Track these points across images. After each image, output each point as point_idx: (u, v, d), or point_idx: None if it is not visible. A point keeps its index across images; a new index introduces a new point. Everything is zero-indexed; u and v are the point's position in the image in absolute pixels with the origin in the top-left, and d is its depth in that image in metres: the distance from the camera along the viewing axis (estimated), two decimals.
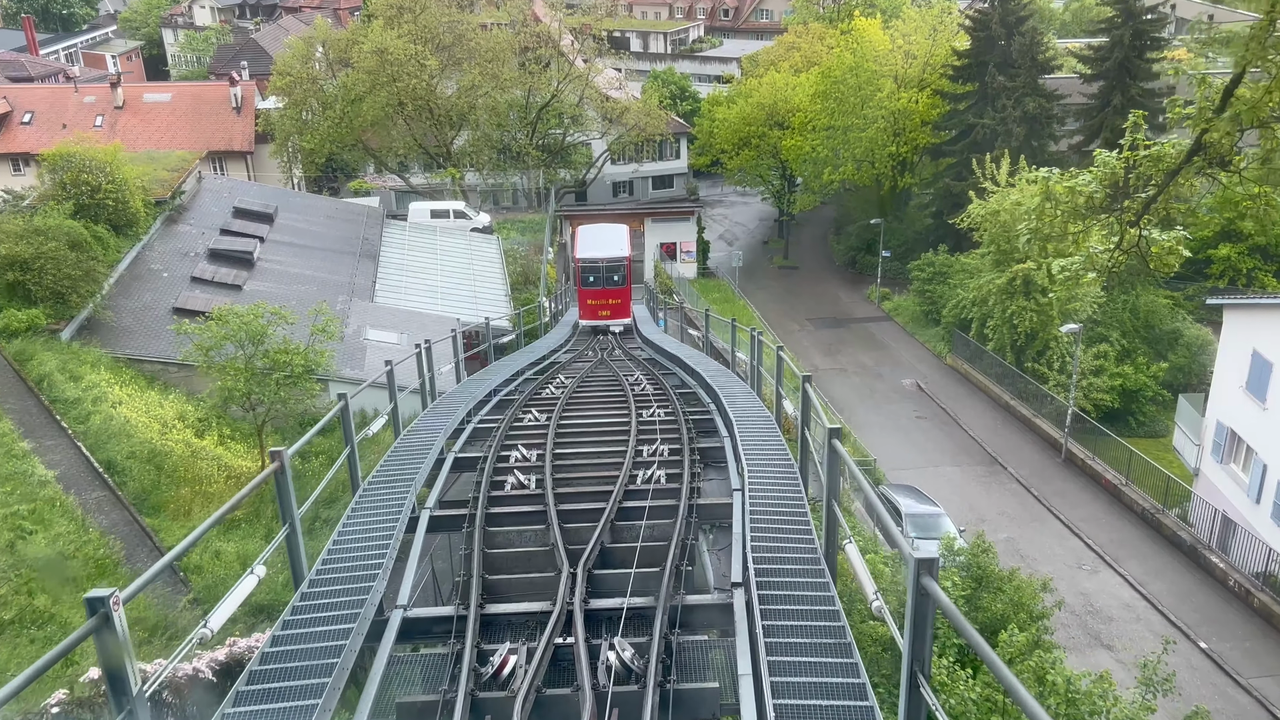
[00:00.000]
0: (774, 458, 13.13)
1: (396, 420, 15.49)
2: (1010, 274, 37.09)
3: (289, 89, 59.30)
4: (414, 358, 18.29)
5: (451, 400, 18.85)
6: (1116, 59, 49.42)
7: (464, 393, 19.78)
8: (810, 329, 49.61)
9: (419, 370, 17.85)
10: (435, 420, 16.63)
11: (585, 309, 34.62)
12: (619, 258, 34.49)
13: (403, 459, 13.96)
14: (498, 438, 16.20)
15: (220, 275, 36.57)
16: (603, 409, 19.94)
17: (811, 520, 10.47)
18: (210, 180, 45.68)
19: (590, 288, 34.49)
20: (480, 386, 20.89)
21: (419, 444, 14.87)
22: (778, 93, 59.91)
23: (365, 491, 12.30)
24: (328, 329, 26.44)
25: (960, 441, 34.85)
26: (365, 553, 10.47)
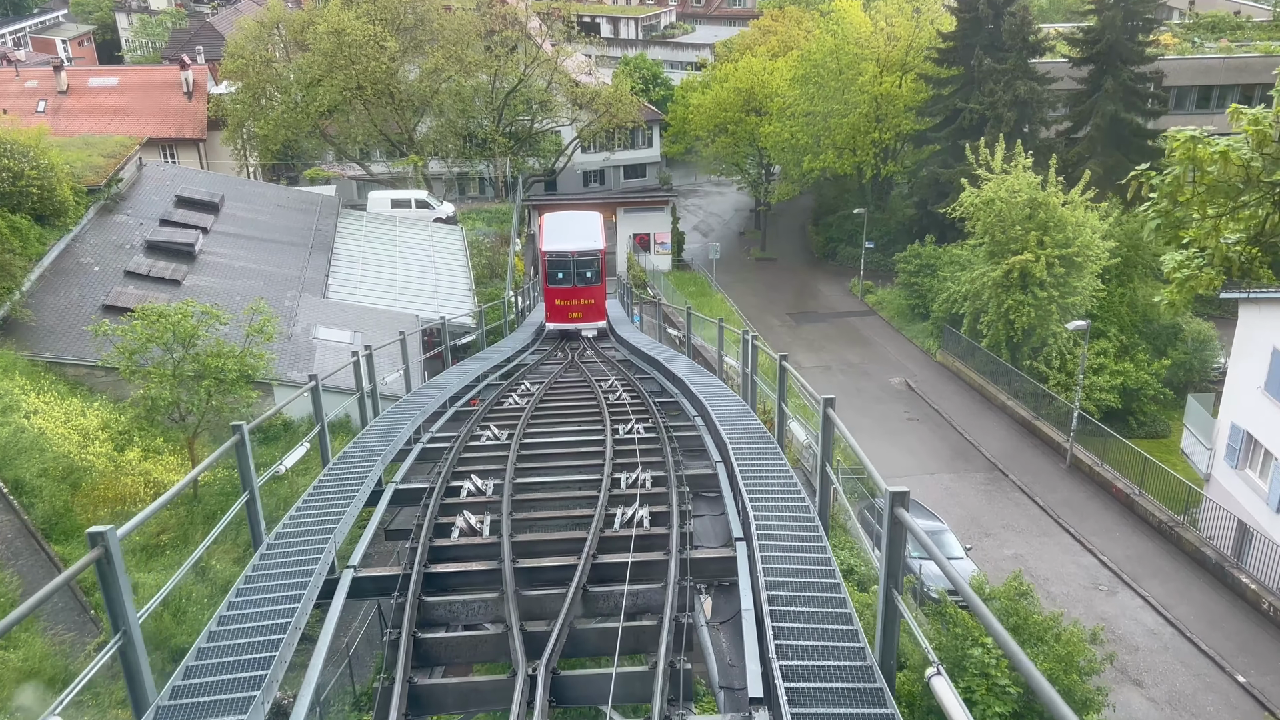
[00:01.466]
0: (782, 494, 10.70)
1: (325, 445, 12.93)
2: (1006, 266, 34.93)
3: (241, 72, 56.18)
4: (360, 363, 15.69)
5: (398, 414, 16.32)
6: (1108, 41, 47.45)
7: (414, 404, 17.24)
8: (791, 324, 47.32)
9: (357, 382, 15.26)
10: (375, 441, 14.08)
11: (553, 310, 30.60)
12: (592, 251, 30.42)
13: (328, 497, 11.41)
14: (449, 462, 13.73)
15: (157, 269, 33.68)
16: (573, 423, 17.51)
17: (846, 591, 8.04)
18: (152, 168, 42.62)
19: (558, 286, 30.31)
20: (434, 396, 18.37)
21: (350, 475, 12.33)
22: (755, 77, 57.51)
23: (270, 549, 9.74)
24: (265, 329, 23.73)
25: (956, 445, 32.66)
26: (257, 637, 7.96)
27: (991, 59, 47.99)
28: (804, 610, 7.70)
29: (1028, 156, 36.34)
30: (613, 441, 14.92)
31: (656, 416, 16.89)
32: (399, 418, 15.94)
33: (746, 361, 15.94)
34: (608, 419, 16.71)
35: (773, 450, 12.46)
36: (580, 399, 20.02)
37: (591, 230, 31.93)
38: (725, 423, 14.16)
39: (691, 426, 16.34)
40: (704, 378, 18.93)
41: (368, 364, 16.10)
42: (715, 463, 13.35)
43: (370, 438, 14.41)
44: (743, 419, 14.43)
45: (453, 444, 15.26)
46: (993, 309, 35.91)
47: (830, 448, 9.82)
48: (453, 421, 18.72)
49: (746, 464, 11.90)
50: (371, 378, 16.19)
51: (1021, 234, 34.82)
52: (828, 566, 8.57)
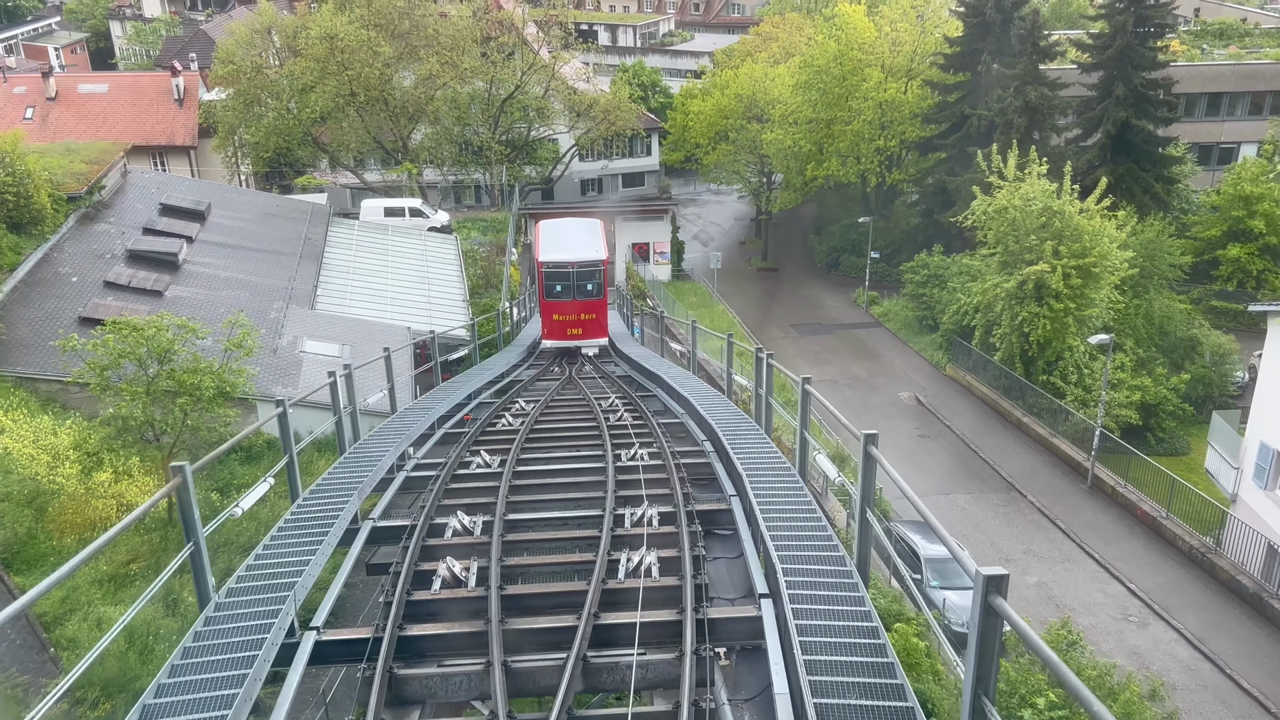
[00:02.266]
0: (811, 539, 9.38)
1: (293, 479, 11.60)
2: (1021, 277, 33.64)
3: (232, 78, 54.96)
4: (338, 384, 14.35)
5: (381, 438, 15.00)
6: (1119, 46, 46.25)
7: (399, 427, 15.93)
8: (794, 335, 46.02)
9: (334, 404, 13.93)
10: (353, 471, 12.75)
11: (550, 326, 27.93)
12: (594, 261, 27.79)
13: (294, 540, 10.08)
14: (434, 495, 12.41)
15: (138, 280, 32.34)
16: (571, 447, 16.21)
17: (902, 675, 6.72)
18: (137, 174, 41.33)
19: (556, 299, 27.64)
20: (422, 416, 17.06)
21: (322, 511, 11.00)
22: (756, 84, 56.32)
23: (220, 609, 8.39)
24: (245, 343, 22.40)
25: (970, 464, 31.34)
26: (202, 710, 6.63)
27: (1000, 64, 46.85)
28: (855, 704, 6.35)
29: (1042, 163, 35.10)
30: (614, 470, 13.65)
31: (661, 440, 15.61)
32: (381, 442, 14.63)
33: (761, 382, 14.64)
34: (609, 443, 15.44)
35: (795, 485, 11.15)
36: (579, 419, 18.73)
37: (592, 239, 29.42)
38: (739, 450, 12.87)
39: (700, 452, 15.05)
40: (711, 397, 17.65)
41: (347, 384, 14.77)
42: (729, 496, 12.05)
43: (348, 466, 13.09)
44: (758, 446, 13.12)
45: (440, 472, 13.97)
46: (1006, 321, 34.60)
47: (871, 491, 8.52)
48: (442, 445, 17.41)
49: (766, 500, 10.59)
50: (352, 399, 14.86)
51: (1036, 243, 33.55)
52: (875, 640, 7.23)
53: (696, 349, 22.18)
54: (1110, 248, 32.93)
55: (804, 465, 11.84)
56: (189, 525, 8.13)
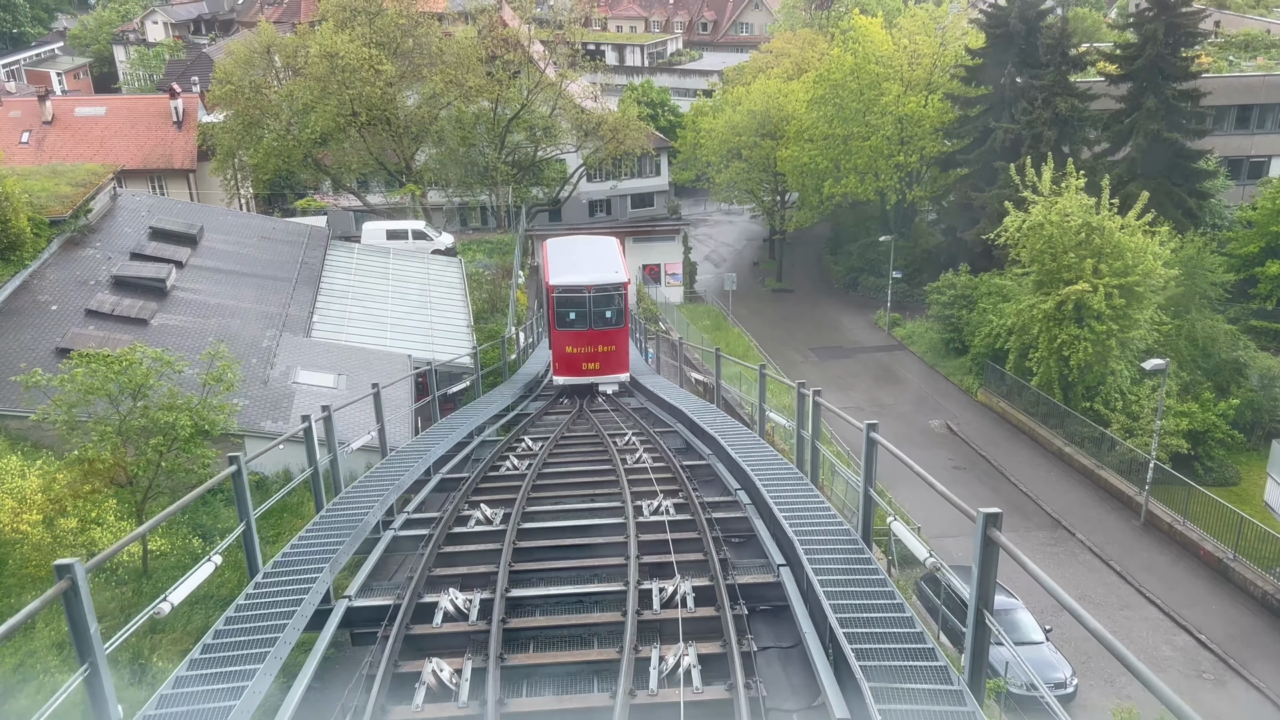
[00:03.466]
0: (896, 639, 7.37)
1: (252, 552, 9.59)
2: (1060, 297, 31.60)
3: (231, 99, 53.42)
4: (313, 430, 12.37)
5: (367, 490, 13.01)
6: (1149, 56, 44.42)
7: (390, 474, 13.94)
8: (814, 360, 44.02)
9: (309, 455, 11.96)
10: (329, 534, 10.76)
11: (562, 360, 24.40)
12: (612, 284, 24.06)
13: (245, 634, 8.10)
14: (424, 564, 10.46)
15: (122, 308, 30.53)
16: (584, 498, 14.26)
17: None
18: (127, 197, 39.68)
19: (569, 329, 24.03)
20: (416, 461, 15.07)
21: (287, 589, 9.02)
22: (770, 100, 54.55)
23: None
24: (225, 377, 20.50)
25: (1011, 498, 29.21)
26: None
27: (1027, 75, 45.05)
28: None
29: (1079, 176, 33.16)
30: (636, 527, 11.69)
31: (688, 488, 13.66)
32: (366, 495, 12.65)
33: (804, 422, 12.66)
34: (627, 491, 13.49)
35: (862, 558, 9.14)
36: (592, 461, 16.76)
37: (609, 259, 25.81)
38: (784, 505, 10.86)
39: (733, 503, 13.07)
40: (741, 435, 15.66)
41: (327, 428, 12.80)
42: (778, 565, 10.04)
43: (324, 528, 11.10)
44: (806, 502, 11.12)
45: (433, 530, 12.03)
46: (1044, 344, 32.52)
47: (991, 589, 6.54)
48: (439, 491, 15.49)
49: (830, 578, 8.59)
50: (332, 444, 12.88)
51: (1075, 261, 31.56)
52: None
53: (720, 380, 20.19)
54: (1155, 265, 30.93)
55: (868, 530, 9.83)
56: (81, 644, 6.13)
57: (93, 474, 19.37)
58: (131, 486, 20.39)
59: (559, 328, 24.16)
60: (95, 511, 21.28)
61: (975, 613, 6.62)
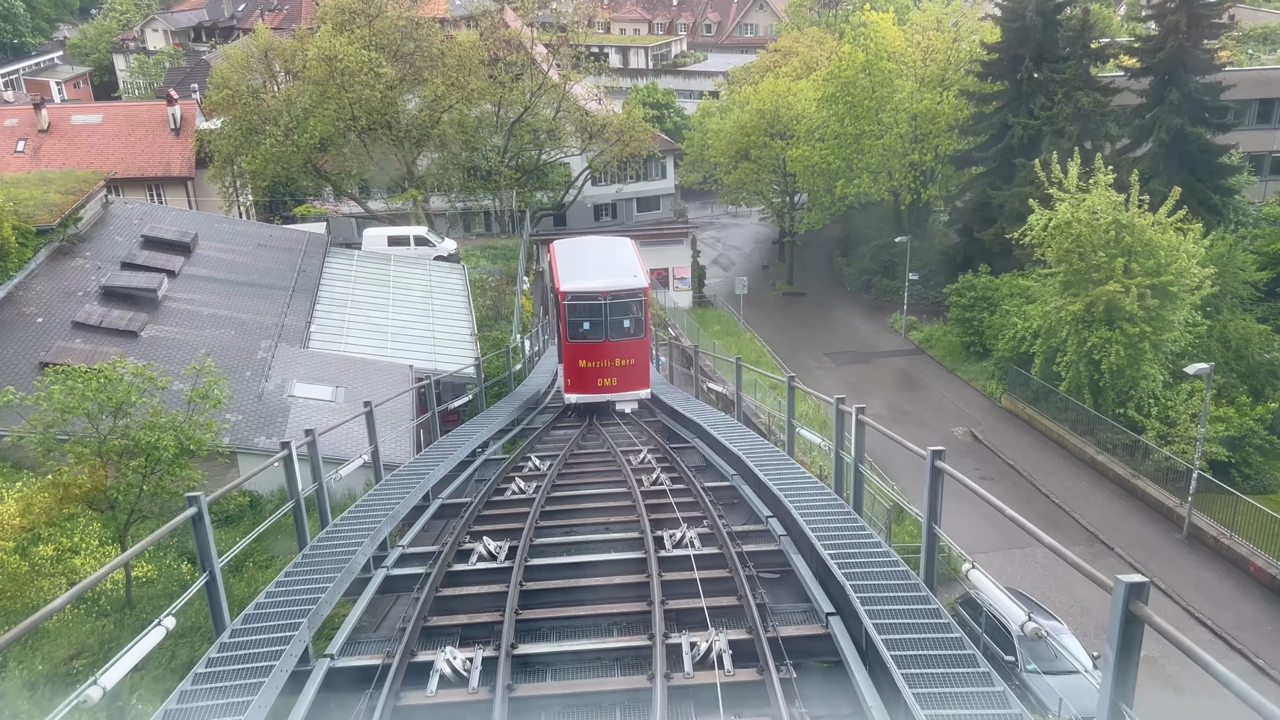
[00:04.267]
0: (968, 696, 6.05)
1: (218, 609, 8.26)
2: (1089, 298, 30.20)
3: (228, 104, 52.26)
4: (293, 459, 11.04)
5: (356, 524, 11.70)
6: (1171, 48, 43.00)
7: (382, 504, 12.61)
8: (830, 365, 42.63)
9: (290, 488, 10.63)
10: (309, 579, 9.44)
11: (575, 376, 22.01)
12: (631, 289, 21.89)
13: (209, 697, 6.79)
14: (416, 615, 9.16)
15: (111, 319, 29.34)
16: (598, 526, 13.00)
17: None
18: (120, 205, 38.51)
19: (583, 341, 21.67)
20: (413, 486, 13.76)
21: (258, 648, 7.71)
22: (779, 99, 53.22)
23: None
24: (212, 393, 19.23)
25: (1043, 510, 27.81)
26: None
27: (1047, 69, 43.64)
28: None
29: (1108, 172, 31.76)
30: (658, 563, 10.38)
31: (713, 515, 12.34)
32: (356, 528, 11.34)
33: (848, 443, 11.32)
34: (646, 519, 12.17)
35: (929, 609, 7.81)
36: (605, 483, 15.45)
37: (626, 261, 23.45)
38: (828, 540, 9.54)
39: (765, 533, 11.75)
40: (769, 455, 14.31)
41: (311, 456, 11.47)
42: (827, 615, 8.71)
43: (306, 569, 9.79)
44: (853, 536, 9.79)
45: (430, 568, 10.75)
46: (1072, 347, 31.10)
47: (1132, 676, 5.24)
48: (437, 519, 14.19)
49: (896, 637, 7.26)
50: (318, 472, 11.54)
51: (1105, 261, 30.16)
52: None
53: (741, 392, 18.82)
54: (1189, 264, 29.54)
55: (932, 573, 8.50)
56: None
57: (69, 498, 18.13)
58: (113, 511, 19.11)
59: (571, 339, 21.76)
60: (76, 538, 20.05)
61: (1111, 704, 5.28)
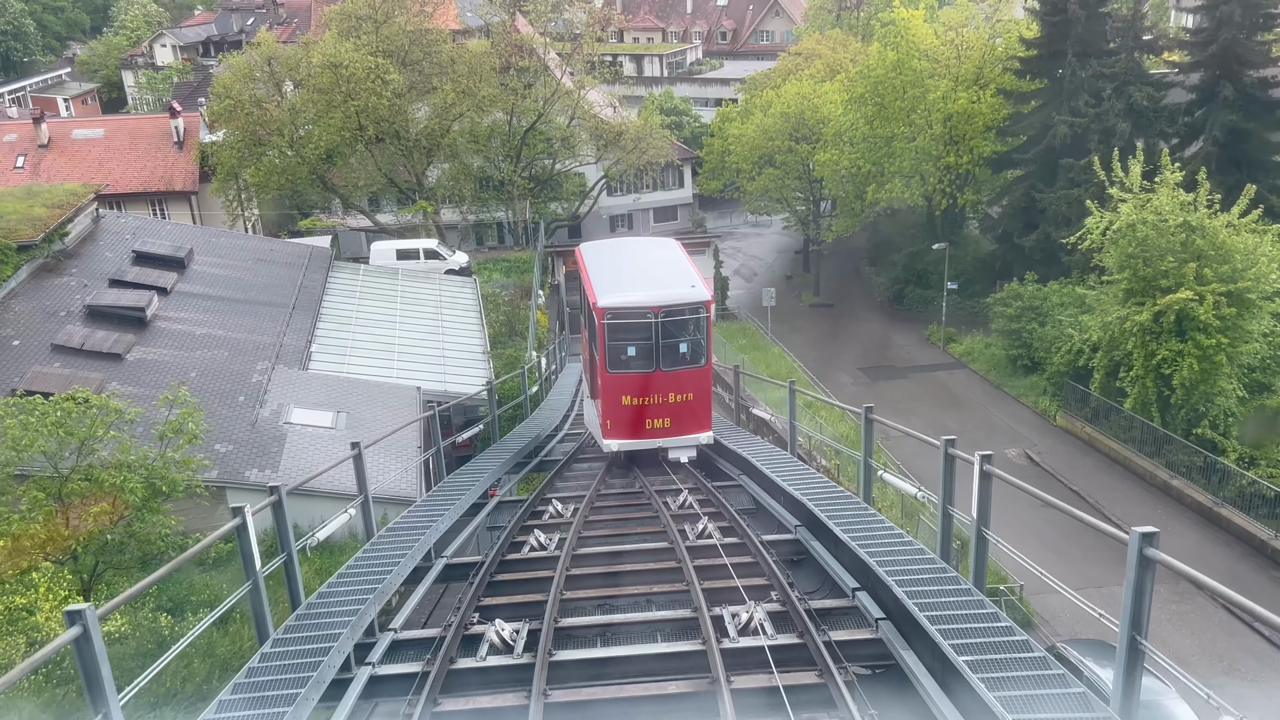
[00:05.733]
0: None
1: None
2: (1158, 307, 27.60)
3: (230, 114, 50.24)
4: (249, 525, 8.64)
5: (340, 601, 9.28)
6: (1224, 41, 40.40)
7: (372, 571, 10.17)
8: (865, 380, 40.06)
9: (245, 566, 8.23)
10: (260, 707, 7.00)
11: (615, 416, 17.11)
12: (690, 303, 16.91)
13: None
14: None
15: (94, 341, 27.12)
16: (640, 599, 10.56)
17: None
18: (111, 219, 36.45)
19: (625, 371, 16.97)
20: (413, 543, 11.33)
21: None
22: (805, 101, 50.79)
23: None
24: (186, 427, 16.91)
25: (1118, 545, 25.08)
26: None
27: (1096, 63, 41.06)
28: None
29: (1174, 169, 29.20)
30: (723, 660, 7.96)
31: (782, 586, 9.95)
32: (337, 610, 8.92)
33: (965, 499, 8.91)
34: (698, 589, 9.77)
35: None
36: (641, 535, 13.04)
37: (677, 267, 18.42)
38: (955, 637, 7.09)
39: (855, 613, 9.32)
40: (841, 502, 11.86)
41: (278, 520, 9.06)
42: None
43: (263, 680, 7.37)
44: (985, 628, 7.34)
45: (428, 665, 8.34)
46: (1139, 361, 28.48)
47: None
48: (442, 583, 11.82)
49: None
50: (286, 541, 9.13)
51: (1174, 266, 27.59)
52: None
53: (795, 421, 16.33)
54: (1269, 268, 26.92)
55: None
56: None
57: (19, 551, 15.79)
58: (75, 562, 16.77)
59: (611, 368, 16.92)
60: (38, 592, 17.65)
61: None
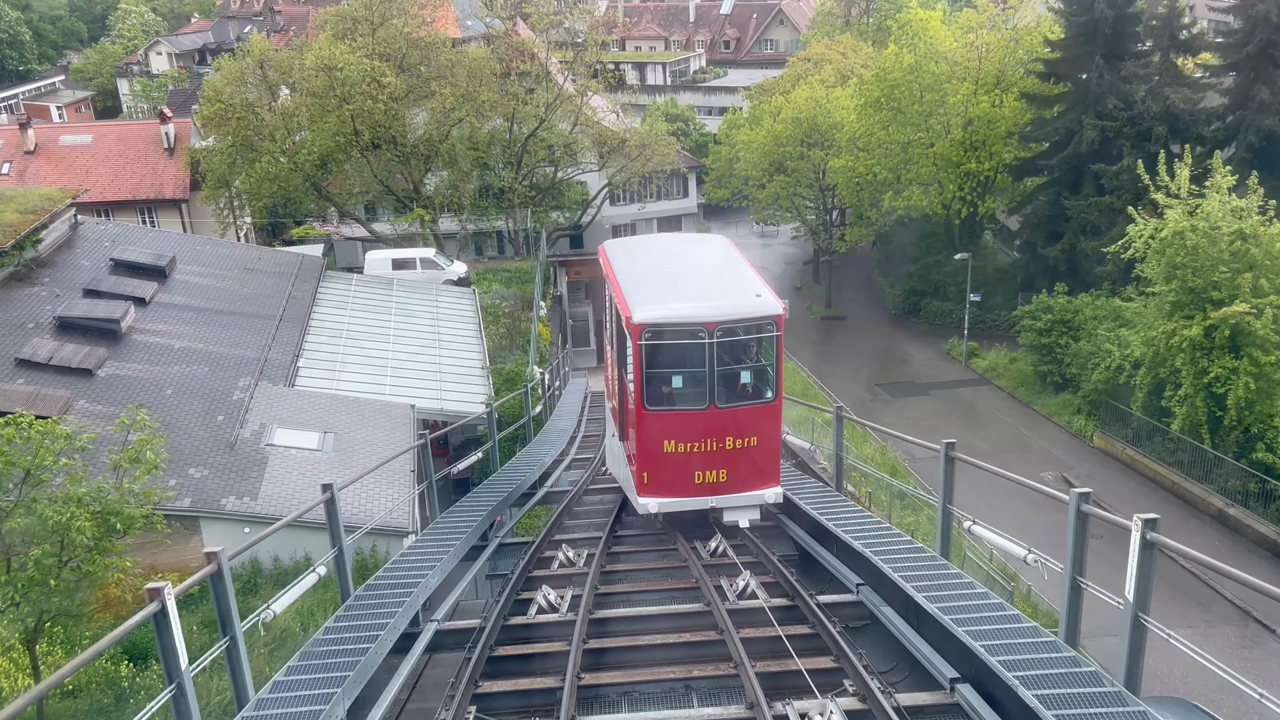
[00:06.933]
0: None
1: None
2: (1210, 321, 25.64)
3: (220, 119, 48.31)
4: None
5: (298, 690, 7.26)
6: (1259, 42, 38.58)
7: (342, 648, 8.16)
8: (885, 398, 38.06)
9: (163, 660, 6.20)
10: None
11: (655, 465, 12.92)
12: (756, 318, 12.85)
13: None
14: None
15: (63, 356, 25.13)
16: (678, 684, 8.52)
17: None
18: (90, 226, 34.55)
19: (667, 408, 12.93)
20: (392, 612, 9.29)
21: None
22: (817, 106, 48.90)
23: None
24: (143, 457, 14.89)
25: (1175, 579, 23.03)
26: None
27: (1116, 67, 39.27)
28: None
29: (1226, 172, 27.28)
30: None
31: (854, 667, 7.98)
32: (296, 713, 6.90)
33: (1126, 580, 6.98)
34: (750, 674, 7.84)
35: None
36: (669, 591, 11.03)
37: (735, 271, 14.48)
38: None
39: (956, 711, 7.30)
40: (910, 553, 9.88)
41: (217, 595, 7.05)
42: None
43: None
44: None
45: None
46: (1188, 379, 26.50)
47: None
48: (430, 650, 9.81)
49: None
50: (230, 623, 7.11)
51: (1228, 277, 25.65)
52: None
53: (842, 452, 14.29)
54: None
55: None
56: None
57: None
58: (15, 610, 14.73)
59: (650, 405, 12.66)
60: None
61: None
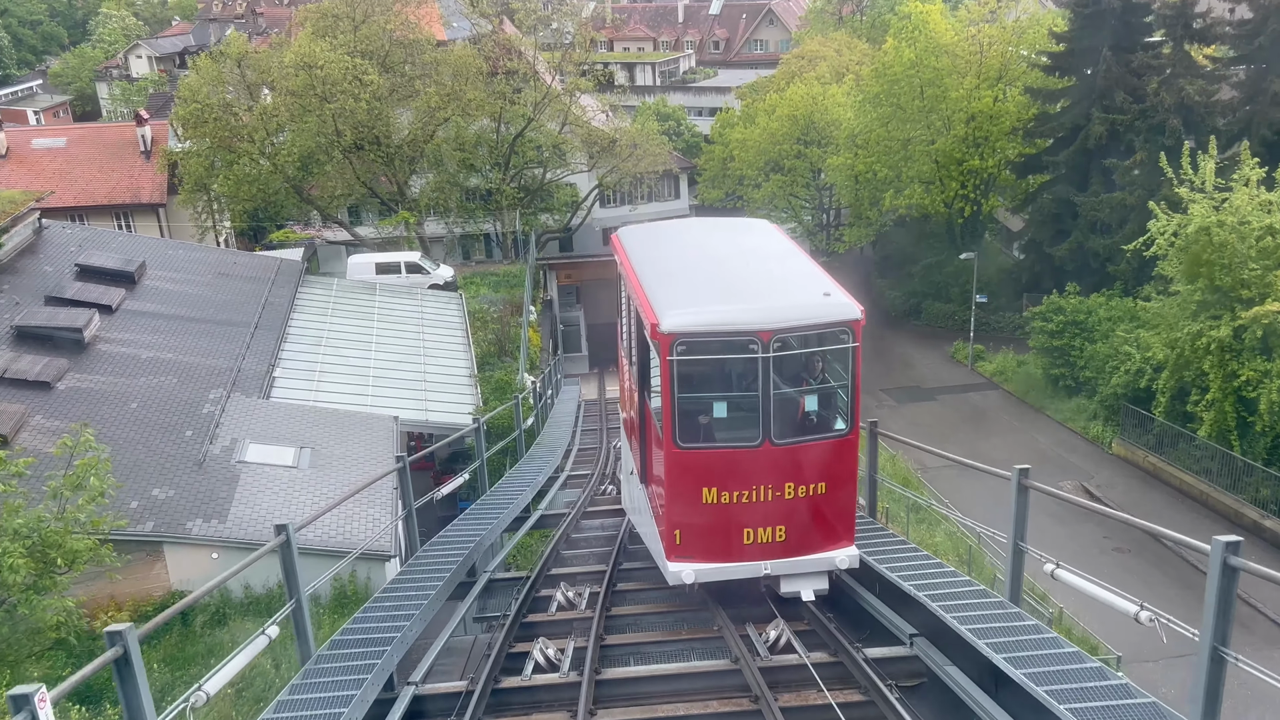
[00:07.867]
0: None
1: None
2: (1240, 321, 24.24)
3: (197, 120, 46.63)
4: None
5: None
6: (1271, 33, 37.28)
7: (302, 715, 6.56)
8: (891, 403, 36.55)
9: None
10: None
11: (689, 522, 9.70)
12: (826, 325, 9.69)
13: None
14: None
15: (18, 368, 23.44)
16: None
17: None
18: (56, 230, 32.84)
19: (705, 445, 9.71)
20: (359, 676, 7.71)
21: None
22: (814, 103, 47.45)
23: None
24: (88, 482, 13.28)
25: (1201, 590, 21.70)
26: None
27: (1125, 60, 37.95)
28: None
29: (1254, 164, 25.93)
30: None
31: None
32: None
33: None
34: None
35: None
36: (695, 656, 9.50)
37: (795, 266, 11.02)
38: None
39: None
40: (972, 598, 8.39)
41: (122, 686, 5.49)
42: None
43: None
44: None
45: None
46: (1216, 383, 25.09)
47: None
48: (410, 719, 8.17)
49: None
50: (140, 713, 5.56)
51: (1259, 275, 24.27)
52: None
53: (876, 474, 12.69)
54: None
55: None
56: None
57: None
58: None
59: (683, 442, 9.68)
60: None
61: None
